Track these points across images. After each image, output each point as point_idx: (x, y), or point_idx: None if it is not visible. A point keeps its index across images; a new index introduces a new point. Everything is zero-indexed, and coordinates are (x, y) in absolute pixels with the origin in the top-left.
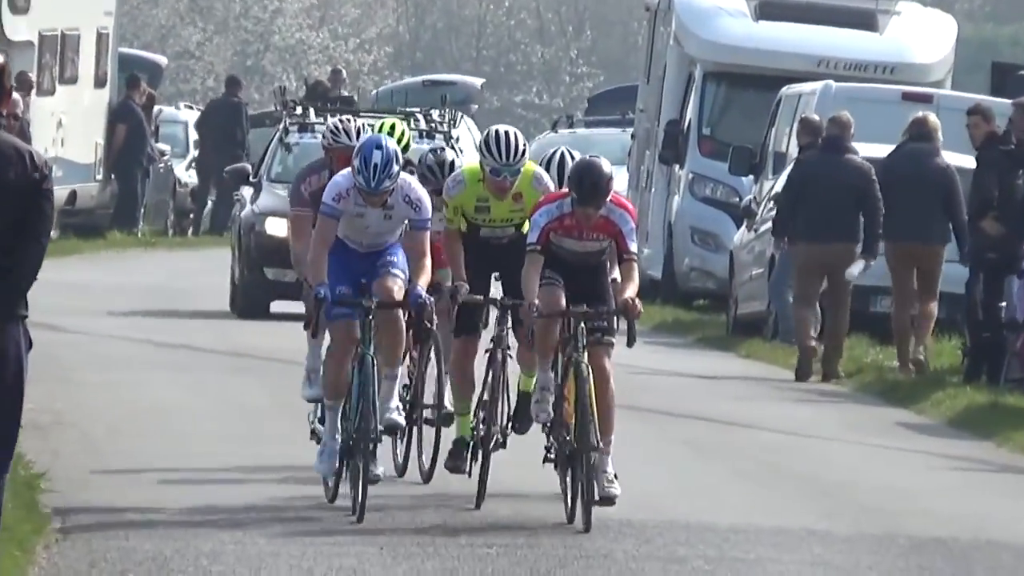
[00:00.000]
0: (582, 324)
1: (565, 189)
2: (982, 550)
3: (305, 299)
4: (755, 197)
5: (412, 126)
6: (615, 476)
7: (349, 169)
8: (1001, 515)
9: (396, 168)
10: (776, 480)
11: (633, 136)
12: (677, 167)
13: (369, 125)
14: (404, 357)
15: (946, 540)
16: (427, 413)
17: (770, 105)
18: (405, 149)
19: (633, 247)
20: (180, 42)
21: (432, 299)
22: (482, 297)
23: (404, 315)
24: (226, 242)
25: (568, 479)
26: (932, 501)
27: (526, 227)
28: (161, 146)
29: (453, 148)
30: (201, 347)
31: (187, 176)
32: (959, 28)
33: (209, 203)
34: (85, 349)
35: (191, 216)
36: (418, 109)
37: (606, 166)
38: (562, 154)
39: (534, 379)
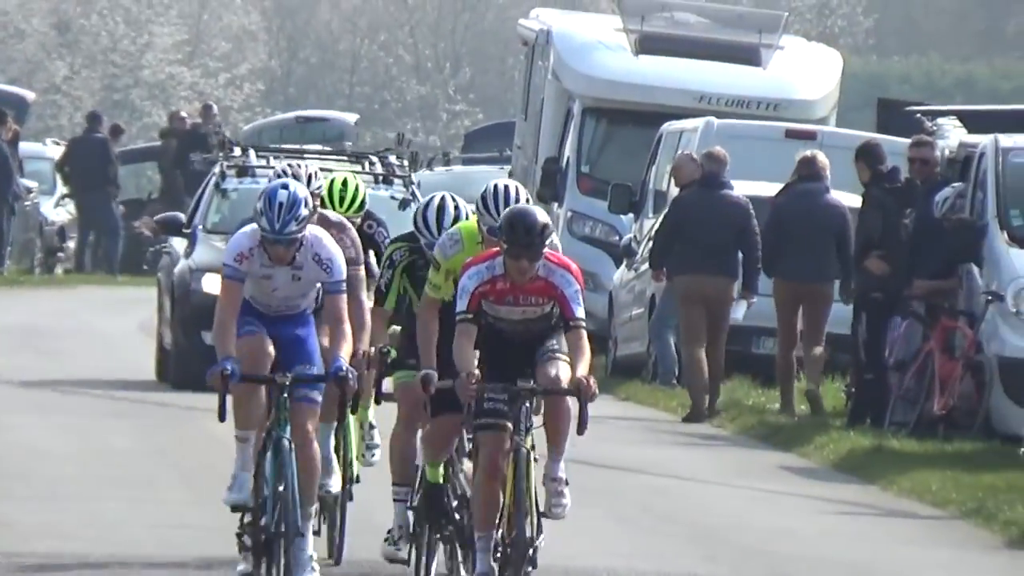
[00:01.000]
0: (526, 404)
1: (495, 248)
2: None
3: (209, 376)
4: (635, 236)
5: (366, 170)
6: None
7: (252, 227)
8: (886, 560)
9: (304, 212)
10: (657, 524)
11: (511, 174)
12: (555, 205)
13: (324, 170)
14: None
15: None
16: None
17: (650, 142)
18: (361, 207)
19: (580, 312)
20: (47, 76)
21: (354, 372)
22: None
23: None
24: (93, 280)
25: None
26: (816, 546)
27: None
28: (27, 182)
29: (414, 195)
30: (66, 386)
31: (54, 214)
32: (845, 62)
33: (71, 243)
34: None
35: (58, 255)
36: (373, 152)
37: (541, 214)
38: (442, 199)
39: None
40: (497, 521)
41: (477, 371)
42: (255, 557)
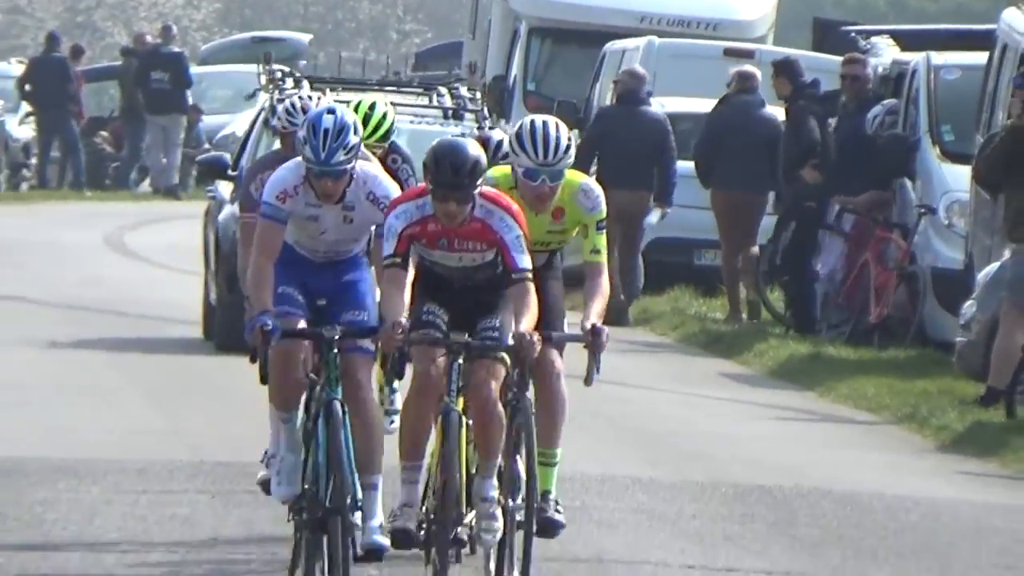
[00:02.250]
0: (457, 362)
1: (420, 186)
2: (804, 497)
3: (248, 333)
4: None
5: (435, 103)
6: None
7: (296, 160)
8: (822, 463)
9: (353, 139)
10: (603, 429)
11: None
12: (503, 122)
13: (343, 102)
14: None
15: (769, 488)
16: None
17: (594, 61)
18: (386, 136)
19: (524, 262)
20: None
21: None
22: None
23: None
24: (58, 196)
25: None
26: (755, 450)
27: (585, 251)
28: None
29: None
30: (30, 298)
31: (19, 131)
32: None
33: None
34: None
35: (23, 172)
36: (442, 83)
37: (473, 148)
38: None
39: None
40: (425, 458)
41: (405, 320)
42: (312, 533)
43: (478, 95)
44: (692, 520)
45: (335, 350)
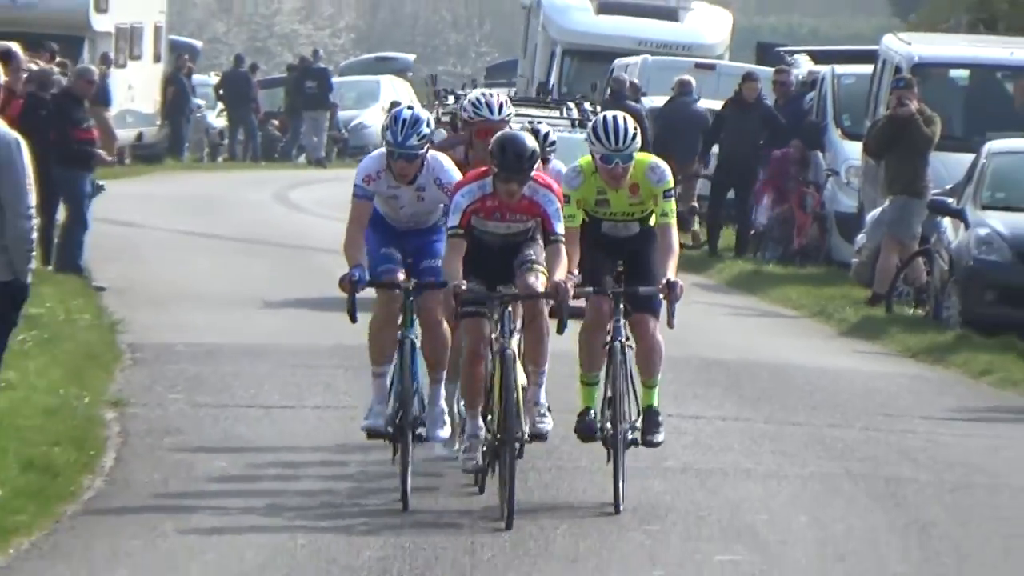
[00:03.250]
0: (508, 307)
1: (484, 168)
2: (748, 368)
3: (342, 282)
4: None
5: (563, 115)
6: (548, 409)
7: (380, 151)
8: (761, 345)
9: (425, 130)
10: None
11: (515, 92)
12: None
13: (523, 115)
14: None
15: (725, 361)
16: None
17: (607, 72)
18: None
19: (560, 228)
20: (211, 31)
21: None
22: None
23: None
24: (242, 166)
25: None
26: (715, 336)
27: (652, 220)
28: (198, 101)
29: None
30: (235, 236)
31: (216, 121)
32: (734, 19)
33: (226, 141)
34: (150, 237)
35: (219, 148)
36: (572, 99)
37: (530, 140)
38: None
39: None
40: (482, 405)
41: (464, 282)
42: (392, 444)
43: (598, 108)
44: (670, 385)
45: (411, 297)
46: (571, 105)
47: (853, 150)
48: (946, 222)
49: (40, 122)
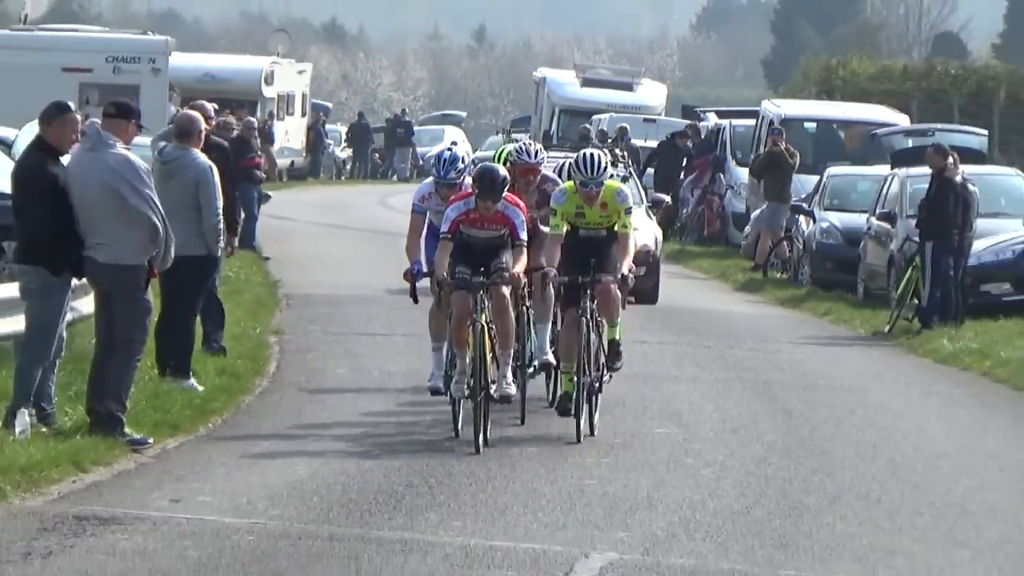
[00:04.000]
0: (479, 292)
1: (469, 191)
2: (676, 311)
3: (406, 274)
4: None
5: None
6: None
7: (430, 179)
8: (685, 297)
9: (460, 165)
10: None
11: (530, 139)
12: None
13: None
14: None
15: (661, 307)
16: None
17: (588, 124)
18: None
19: (523, 235)
20: (337, 97)
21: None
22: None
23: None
24: (358, 182)
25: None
26: (671, 292)
27: (618, 225)
28: (328, 141)
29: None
30: (353, 226)
31: (341, 154)
32: (668, 90)
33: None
34: (298, 227)
35: (344, 170)
36: (603, 146)
37: (502, 171)
38: (590, 153)
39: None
40: (470, 353)
41: (446, 276)
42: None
43: (626, 154)
44: (627, 324)
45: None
46: (604, 151)
47: (743, 173)
48: (802, 219)
49: (222, 154)
